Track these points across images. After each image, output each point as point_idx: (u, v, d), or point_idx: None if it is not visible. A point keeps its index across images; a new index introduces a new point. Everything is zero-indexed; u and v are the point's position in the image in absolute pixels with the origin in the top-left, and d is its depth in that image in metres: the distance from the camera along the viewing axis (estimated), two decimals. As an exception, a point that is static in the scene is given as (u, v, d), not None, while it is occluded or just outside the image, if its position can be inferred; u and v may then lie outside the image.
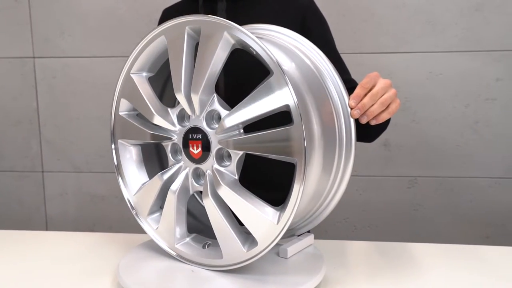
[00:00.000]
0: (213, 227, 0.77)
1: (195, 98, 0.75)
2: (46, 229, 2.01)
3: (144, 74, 0.85)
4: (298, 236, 0.89)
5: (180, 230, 0.83)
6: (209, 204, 0.76)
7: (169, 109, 0.81)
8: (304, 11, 1.05)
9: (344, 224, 1.87)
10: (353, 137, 0.80)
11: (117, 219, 1.96)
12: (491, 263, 0.91)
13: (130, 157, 0.90)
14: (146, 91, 0.83)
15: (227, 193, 0.74)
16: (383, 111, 0.81)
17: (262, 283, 0.74)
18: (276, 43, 0.82)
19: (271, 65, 0.68)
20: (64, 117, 1.92)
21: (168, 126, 0.80)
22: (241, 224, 0.76)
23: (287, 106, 0.67)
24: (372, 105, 0.79)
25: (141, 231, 0.93)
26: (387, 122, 0.92)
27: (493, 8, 1.64)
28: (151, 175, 0.90)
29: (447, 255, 0.94)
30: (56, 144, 1.94)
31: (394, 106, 0.82)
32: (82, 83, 1.88)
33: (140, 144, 0.90)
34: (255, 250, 0.73)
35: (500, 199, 1.76)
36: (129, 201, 0.89)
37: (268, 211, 0.72)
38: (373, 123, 0.81)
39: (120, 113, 0.87)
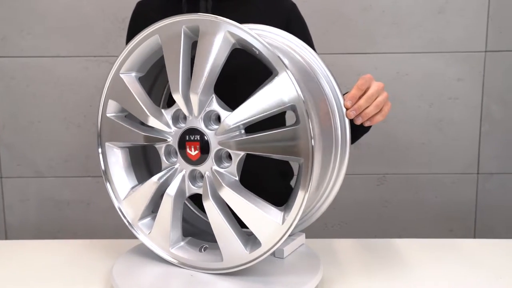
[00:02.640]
0: (213, 230, 0.76)
1: (194, 99, 0.73)
2: (6, 238, 1.89)
3: (134, 74, 0.82)
4: (290, 236, 0.88)
5: (175, 234, 0.81)
6: (210, 206, 0.75)
7: (163, 110, 0.79)
8: (288, 14, 1.06)
9: (315, 222, 1.88)
10: (347, 137, 0.80)
11: (83, 225, 1.87)
12: (476, 255, 0.95)
13: (117, 161, 0.86)
14: (137, 91, 0.80)
15: (229, 195, 0.73)
16: (377, 113, 0.83)
17: (265, 285, 0.74)
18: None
19: (276, 65, 0.67)
20: (24, 120, 1.81)
21: (163, 127, 0.78)
22: (241, 225, 0.75)
23: (293, 106, 0.67)
24: (368, 106, 0.81)
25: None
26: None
27: (455, 11, 1.72)
28: (139, 179, 0.87)
29: (432, 249, 0.97)
30: (16, 149, 1.83)
31: (387, 108, 0.85)
32: (43, 84, 1.79)
33: (128, 147, 0.87)
34: (258, 252, 0.73)
35: (461, 194, 1.85)
36: (119, 208, 0.85)
37: (272, 211, 0.71)
38: (367, 124, 0.84)
39: (108, 115, 0.84)
